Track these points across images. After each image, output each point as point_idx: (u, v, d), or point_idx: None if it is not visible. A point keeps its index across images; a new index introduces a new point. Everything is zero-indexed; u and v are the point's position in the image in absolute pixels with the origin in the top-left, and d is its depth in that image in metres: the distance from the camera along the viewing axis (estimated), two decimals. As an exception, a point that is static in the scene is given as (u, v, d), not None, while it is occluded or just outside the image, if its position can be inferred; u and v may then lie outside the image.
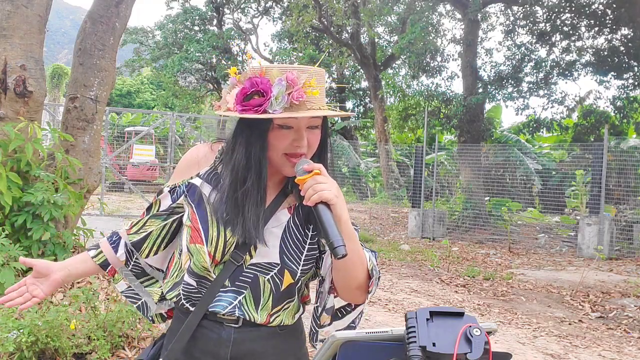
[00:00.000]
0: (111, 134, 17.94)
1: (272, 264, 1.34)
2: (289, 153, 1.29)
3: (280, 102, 1.22)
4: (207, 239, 1.31)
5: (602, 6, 13.81)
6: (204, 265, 1.33)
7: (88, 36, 4.85)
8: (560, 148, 16.66)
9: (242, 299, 1.34)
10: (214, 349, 1.35)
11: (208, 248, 1.31)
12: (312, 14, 20.25)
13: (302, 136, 1.28)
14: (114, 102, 38.62)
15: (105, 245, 1.53)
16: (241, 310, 1.34)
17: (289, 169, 1.30)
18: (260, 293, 1.34)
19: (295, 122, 1.27)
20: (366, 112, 27.99)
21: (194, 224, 1.34)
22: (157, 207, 1.45)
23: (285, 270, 1.34)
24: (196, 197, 1.37)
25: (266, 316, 1.35)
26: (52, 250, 4.22)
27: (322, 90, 1.29)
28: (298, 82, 1.23)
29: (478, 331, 0.86)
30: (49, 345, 3.08)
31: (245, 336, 1.35)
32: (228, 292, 1.34)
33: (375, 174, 21.98)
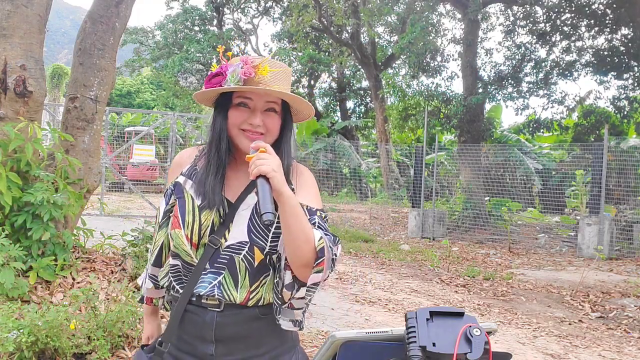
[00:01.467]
0: (111, 134, 17.94)
1: (242, 243, 1.45)
2: (245, 129, 1.45)
3: (234, 79, 1.42)
4: (184, 224, 1.46)
5: (602, 6, 13.81)
6: (183, 248, 1.46)
7: (88, 36, 4.85)
8: (560, 148, 16.66)
9: (221, 279, 1.45)
10: (200, 332, 1.46)
11: (185, 232, 1.46)
12: (312, 14, 20.25)
13: (256, 116, 1.45)
14: (114, 102, 38.63)
15: (144, 287, 1.68)
16: (220, 290, 1.44)
17: (245, 142, 1.45)
18: (237, 272, 1.45)
19: (252, 103, 1.46)
20: (367, 112, 27.99)
21: (175, 213, 1.50)
22: (158, 217, 1.58)
23: (254, 247, 1.44)
24: (179, 190, 1.53)
25: (246, 293, 1.44)
26: (52, 250, 4.22)
27: (279, 79, 1.46)
28: (249, 61, 1.43)
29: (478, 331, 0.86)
30: (49, 345, 3.08)
31: (228, 320, 1.45)
32: (208, 274, 1.46)
33: (375, 174, 21.98)
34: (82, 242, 4.91)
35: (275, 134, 1.49)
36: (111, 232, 5.54)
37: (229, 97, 1.47)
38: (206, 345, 1.46)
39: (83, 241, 4.92)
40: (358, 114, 28.52)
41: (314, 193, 1.53)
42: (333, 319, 5.32)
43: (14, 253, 3.74)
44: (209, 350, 1.46)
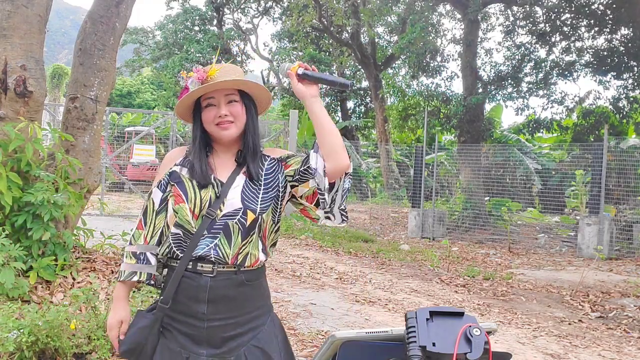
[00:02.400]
0: (111, 134, 17.94)
1: (237, 209, 1.79)
2: (218, 122, 1.82)
3: (194, 86, 1.82)
4: (187, 198, 1.79)
5: (602, 6, 13.80)
6: (186, 218, 1.78)
7: (88, 36, 4.85)
8: (560, 148, 16.66)
9: (217, 242, 1.77)
10: (195, 294, 1.75)
11: (189, 205, 1.78)
12: (312, 14, 20.25)
13: (221, 108, 1.82)
14: (114, 102, 38.61)
15: (140, 266, 1.84)
16: (216, 251, 1.75)
17: (221, 133, 1.83)
18: (231, 233, 1.77)
19: (215, 101, 1.83)
20: (367, 112, 27.99)
21: (176, 192, 1.81)
22: (152, 205, 1.85)
23: (247, 210, 1.79)
24: (176, 177, 1.85)
25: (236, 249, 1.77)
26: (53, 250, 4.22)
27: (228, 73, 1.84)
28: (201, 69, 1.84)
29: (478, 331, 0.86)
30: (49, 345, 3.08)
31: (219, 284, 1.76)
32: (206, 238, 1.77)
33: (375, 174, 21.98)
34: (82, 242, 4.91)
35: (243, 118, 1.85)
36: (111, 232, 5.54)
37: (200, 106, 1.85)
38: (199, 305, 1.75)
39: (83, 241, 4.92)
40: (358, 114, 28.52)
41: (286, 150, 1.98)
42: (333, 319, 5.32)
43: (14, 253, 3.74)
44: (202, 309, 1.75)
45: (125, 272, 1.83)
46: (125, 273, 1.84)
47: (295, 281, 6.86)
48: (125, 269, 1.84)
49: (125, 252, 1.87)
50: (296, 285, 6.64)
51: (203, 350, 1.77)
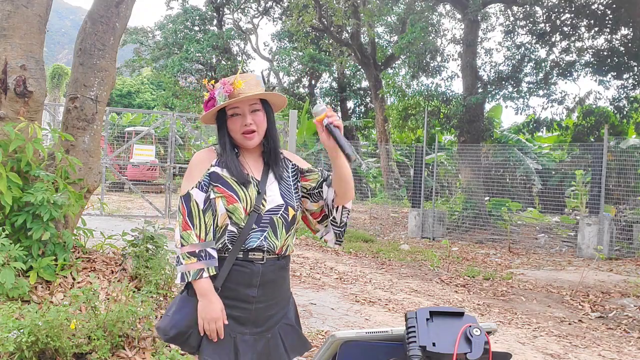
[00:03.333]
0: (111, 134, 17.94)
1: (279, 205, 2.02)
2: (244, 131, 2.00)
3: (221, 98, 1.98)
4: (239, 198, 1.96)
5: (602, 6, 13.80)
6: (240, 216, 1.95)
7: (88, 36, 4.85)
8: (560, 148, 16.65)
9: (266, 234, 1.97)
10: (248, 279, 1.95)
11: (242, 204, 1.96)
12: (312, 14, 20.24)
13: (246, 117, 1.99)
14: (114, 102, 38.60)
15: (204, 262, 1.93)
16: (267, 241, 1.97)
17: (246, 142, 2.02)
18: (277, 227, 1.99)
19: (240, 110, 2.00)
20: (367, 111, 27.98)
21: (225, 193, 1.96)
22: (196, 206, 1.96)
23: (288, 206, 2.02)
24: (217, 177, 1.99)
25: (282, 241, 2.00)
26: (52, 250, 4.22)
27: (251, 85, 2.01)
28: (227, 81, 1.99)
29: (478, 331, 0.86)
30: (49, 345, 3.08)
31: (268, 269, 1.98)
32: (256, 231, 1.97)
33: (375, 174, 21.97)
34: (82, 242, 4.91)
35: (264, 126, 2.03)
36: (111, 232, 5.55)
37: (225, 113, 2.02)
38: (250, 289, 1.96)
39: (83, 241, 4.92)
40: (358, 114, 28.51)
41: (304, 161, 2.20)
42: (333, 319, 5.32)
43: (14, 253, 3.74)
44: (252, 293, 1.96)
45: (192, 272, 1.91)
46: (191, 273, 1.91)
47: (295, 281, 6.85)
48: (190, 269, 1.92)
49: (180, 255, 1.94)
50: (296, 285, 6.63)
51: (247, 330, 1.97)
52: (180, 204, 1.98)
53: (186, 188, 1.98)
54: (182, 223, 1.95)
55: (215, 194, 1.95)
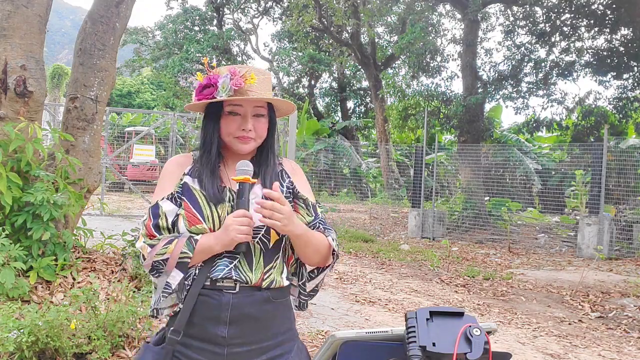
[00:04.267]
0: (111, 134, 17.94)
1: (259, 227, 1.57)
2: (239, 136, 1.61)
3: (225, 90, 1.56)
4: (204, 217, 1.57)
5: (602, 6, 13.80)
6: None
7: (88, 36, 4.85)
8: (560, 148, 16.66)
9: (237, 263, 1.56)
10: (215, 313, 1.52)
11: (207, 225, 1.56)
12: (312, 14, 20.25)
13: (247, 122, 1.60)
14: (114, 102, 38.60)
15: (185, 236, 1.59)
16: (237, 272, 1.55)
17: (240, 147, 1.62)
18: (252, 254, 1.57)
19: (242, 110, 1.60)
20: (367, 112, 27.99)
21: (188, 210, 1.58)
22: (164, 220, 1.59)
23: (270, 229, 1.57)
24: (186, 190, 1.62)
25: (260, 274, 1.56)
26: (52, 250, 4.22)
27: (264, 84, 1.62)
28: (238, 72, 1.57)
29: (478, 331, 0.86)
30: (49, 345, 3.08)
31: (243, 301, 1.54)
32: (223, 258, 1.56)
33: (375, 174, 21.97)
34: (82, 242, 4.91)
35: (264, 136, 1.66)
36: (111, 232, 5.55)
37: (220, 106, 1.61)
38: (218, 328, 1.52)
39: (83, 241, 4.93)
40: (358, 114, 28.52)
41: (308, 186, 1.76)
42: (333, 319, 5.32)
43: (14, 253, 3.74)
44: (221, 332, 1.52)
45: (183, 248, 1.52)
46: (184, 249, 1.52)
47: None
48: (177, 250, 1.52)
49: (153, 259, 1.54)
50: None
51: None
52: (147, 215, 1.60)
53: (155, 198, 1.61)
54: (146, 233, 1.57)
55: (180, 210, 1.58)
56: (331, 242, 1.61)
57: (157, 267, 1.54)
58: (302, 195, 1.69)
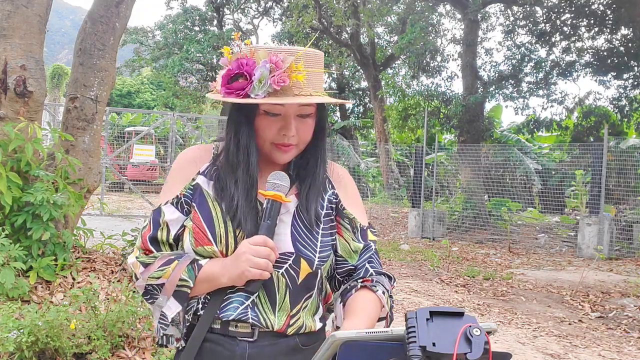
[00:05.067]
0: (111, 134, 17.95)
1: (286, 254, 1.21)
2: (280, 143, 1.22)
3: (263, 87, 1.15)
4: (216, 238, 1.20)
5: (602, 6, 13.81)
6: None
7: (88, 36, 4.85)
8: (560, 148, 16.66)
9: (255, 299, 1.20)
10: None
11: (219, 247, 1.20)
12: (312, 15, 20.26)
13: (290, 125, 1.20)
14: (114, 102, 38.61)
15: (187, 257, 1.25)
16: (255, 312, 1.19)
17: (280, 157, 1.24)
18: (275, 290, 1.21)
19: (283, 109, 1.20)
20: (366, 112, 28.00)
21: (197, 224, 1.22)
22: (165, 233, 1.25)
23: (301, 258, 1.22)
24: (198, 194, 1.25)
25: (285, 318, 1.22)
26: (52, 250, 4.22)
27: (314, 75, 1.20)
28: (282, 65, 1.16)
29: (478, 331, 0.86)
30: (49, 345, 3.08)
31: (263, 351, 1.20)
32: (237, 292, 1.20)
33: (375, 173, 21.98)
34: (82, 242, 4.91)
35: (309, 138, 1.26)
36: (111, 232, 5.54)
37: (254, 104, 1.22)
38: None
39: (83, 241, 4.92)
40: (357, 114, 28.53)
41: (360, 201, 1.36)
42: (333, 319, 5.32)
43: (14, 253, 3.74)
44: None
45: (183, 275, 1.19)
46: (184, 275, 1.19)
47: (295, 281, 6.85)
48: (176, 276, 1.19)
49: (148, 281, 1.22)
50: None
51: None
52: (147, 222, 1.27)
53: (160, 201, 1.28)
54: (142, 246, 1.25)
55: (187, 221, 1.24)
56: (384, 303, 1.25)
57: (150, 292, 1.22)
58: (348, 214, 1.31)
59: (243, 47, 1.21)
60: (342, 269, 1.31)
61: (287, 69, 1.15)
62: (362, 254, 1.32)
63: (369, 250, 1.33)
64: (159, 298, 1.21)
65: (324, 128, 1.30)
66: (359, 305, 1.21)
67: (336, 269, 1.31)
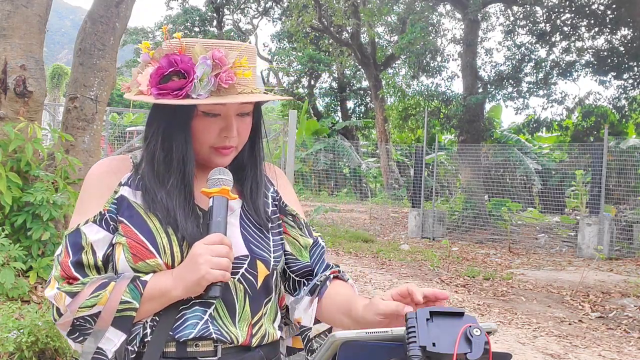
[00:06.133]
0: (112, 133, 17.96)
1: (240, 258, 1.11)
2: (220, 146, 1.12)
3: (206, 86, 1.04)
4: (159, 250, 1.07)
5: (602, 6, 13.81)
6: None
7: (88, 36, 4.85)
8: (560, 148, 16.67)
9: (212, 312, 1.08)
10: None
11: (163, 259, 1.07)
12: (312, 14, 20.27)
13: (232, 125, 1.10)
14: (115, 102, 38.62)
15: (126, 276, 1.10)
16: (216, 326, 1.07)
17: (220, 160, 1.14)
18: (234, 298, 1.10)
19: (224, 109, 1.09)
20: (367, 112, 28.01)
21: (133, 238, 1.07)
22: (91, 256, 1.08)
23: (257, 260, 1.13)
24: (125, 207, 1.10)
25: (247, 328, 1.11)
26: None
27: (253, 70, 1.11)
28: (226, 61, 1.05)
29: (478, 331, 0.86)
30: (49, 345, 3.08)
31: None
32: (193, 307, 1.07)
33: (375, 174, 21.99)
34: (82, 242, 4.91)
35: (246, 139, 1.18)
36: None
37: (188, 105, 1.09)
38: None
39: (83, 241, 4.92)
40: (358, 114, 28.55)
41: (296, 197, 1.32)
42: (333, 319, 5.32)
43: (14, 253, 3.74)
44: None
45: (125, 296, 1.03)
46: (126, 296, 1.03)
47: (295, 281, 6.85)
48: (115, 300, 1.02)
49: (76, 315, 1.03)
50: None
51: None
52: (61, 248, 1.10)
53: (75, 222, 1.10)
54: (62, 275, 1.07)
55: (116, 237, 1.09)
56: (354, 290, 1.23)
57: (80, 327, 1.04)
58: (290, 210, 1.25)
59: (172, 42, 1.08)
60: (297, 268, 1.23)
61: (231, 67, 1.06)
62: (314, 251, 1.25)
63: (320, 247, 1.26)
64: (91, 332, 1.03)
65: (260, 126, 1.22)
66: (346, 292, 1.18)
67: (290, 268, 1.23)
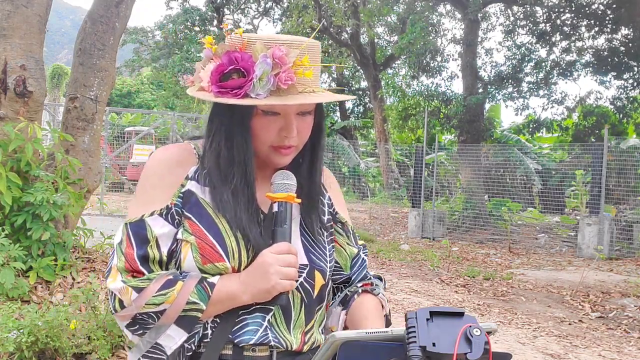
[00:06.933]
0: (111, 134, 17.96)
1: (300, 267, 1.09)
2: (280, 145, 1.09)
3: (265, 85, 1.01)
4: (228, 253, 1.05)
5: (602, 6, 13.82)
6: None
7: (88, 36, 4.85)
8: (560, 148, 16.67)
9: (270, 319, 1.08)
10: None
11: (231, 264, 1.06)
12: (312, 15, 20.26)
13: (292, 125, 1.07)
14: (114, 102, 38.63)
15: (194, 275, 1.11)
16: (274, 334, 1.08)
17: (280, 160, 1.11)
18: (291, 306, 1.10)
19: (284, 108, 1.06)
20: (366, 112, 28.01)
21: (202, 238, 1.06)
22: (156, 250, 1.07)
23: (315, 270, 1.12)
24: (193, 203, 1.09)
25: (300, 335, 1.12)
26: (52, 250, 4.22)
27: (316, 69, 1.08)
28: (287, 60, 1.02)
29: (478, 331, 0.86)
30: (49, 345, 3.08)
31: None
32: (254, 313, 1.07)
33: (375, 173, 21.98)
34: (82, 242, 4.91)
35: (307, 138, 1.13)
36: (111, 232, 5.53)
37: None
38: None
39: (83, 241, 4.92)
40: (357, 114, 28.54)
41: (344, 202, 1.30)
42: (333, 319, 5.32)
43: (14, 253, 3.74)
44: None
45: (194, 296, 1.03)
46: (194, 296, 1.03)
47: (295, 281, 6.85)
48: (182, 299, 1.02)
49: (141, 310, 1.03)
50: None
51: None
52: (122, 236, 1.08)
53: (138, 212, 1.08)
54: (126, 267, 1.06)
55: (183, 234, 1.07)
56: (385, 304, 1.20)
57: (142, 321, 1.04)
58: (340, 218, 1.23)
59: (234, 38, 1.05)
60: (339, 276, 1.24)
61: (291, 67, 1.02)
62: (355, 261, 1.24)
63: (361, 259, 1.25)
64: (152, 328, 1.04)
65: (322, 125, 1.17)
66: (370, 307, 1.17)
67: (332, 276, 1.22)
